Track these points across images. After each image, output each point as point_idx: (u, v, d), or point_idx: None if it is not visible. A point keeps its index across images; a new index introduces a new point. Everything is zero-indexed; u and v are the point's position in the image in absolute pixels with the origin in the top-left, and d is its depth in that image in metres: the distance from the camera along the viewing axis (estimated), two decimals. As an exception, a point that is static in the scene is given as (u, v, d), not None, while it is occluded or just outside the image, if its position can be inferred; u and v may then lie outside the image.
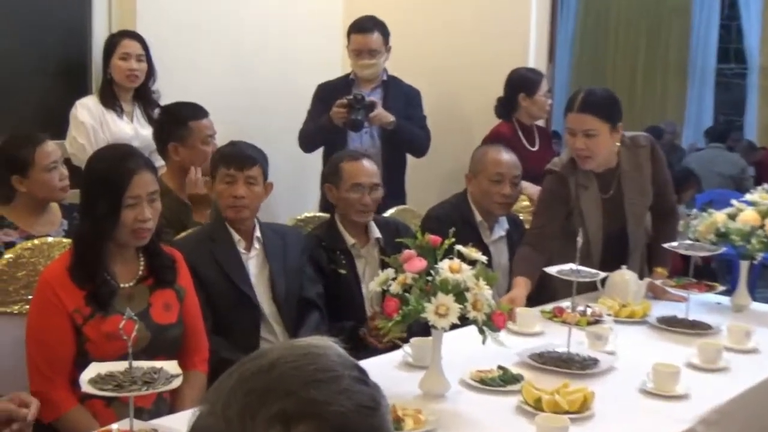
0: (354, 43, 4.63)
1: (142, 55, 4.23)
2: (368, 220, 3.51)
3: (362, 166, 3.54)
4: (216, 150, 3.41)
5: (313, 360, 1.01)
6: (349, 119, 4.38)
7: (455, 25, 5.29)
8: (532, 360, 2.81)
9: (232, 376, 1.01)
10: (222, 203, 3.23)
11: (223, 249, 3.19)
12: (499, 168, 3.77)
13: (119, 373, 2.01)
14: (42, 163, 3.34)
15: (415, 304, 2.49)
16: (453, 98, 5.35)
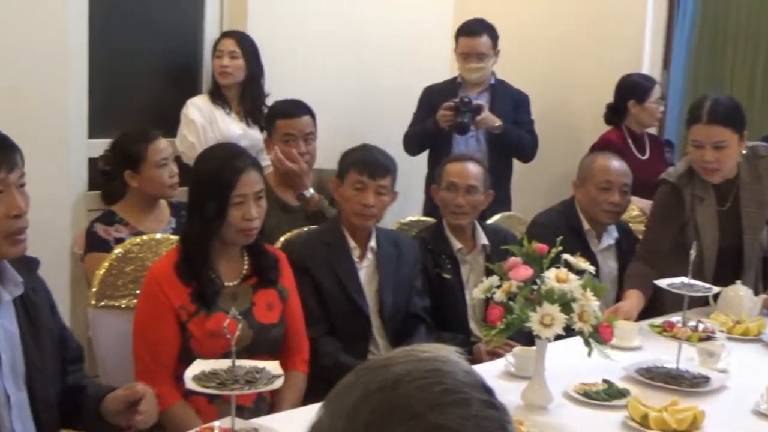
0: (462, 46, 4.61)
1: (235, 52, 4.28)
2: (462, 223, 3.46)
3: (462, 167, 3.51)
4: (347, 151, 3.30)
5: (439, 378, 0.97)
6: (455, 122, 4.36)
7: (567, 29, 5.21)
8: (640, 375, 2.74)
9: (355, 389, 0.97)
10: (348, 208, 3.17)
11: (338, 255, 3.14)
12: (607, 175, 3.68)
13: (222, 371, 2.03)
14: (153, 159, 3.43)
15: (519, 312, 2.46)
16: (562, 104, 5.27)
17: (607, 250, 3.76)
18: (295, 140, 3.63)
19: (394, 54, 5.17)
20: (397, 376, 0.97)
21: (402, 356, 1.00)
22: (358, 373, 1.00)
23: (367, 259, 3.20)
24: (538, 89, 4.92)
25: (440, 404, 0.94)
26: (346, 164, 3.22)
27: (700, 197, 3.51)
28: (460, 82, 4.67)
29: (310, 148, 3.67)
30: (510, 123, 4.53)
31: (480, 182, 3.50)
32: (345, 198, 3.18)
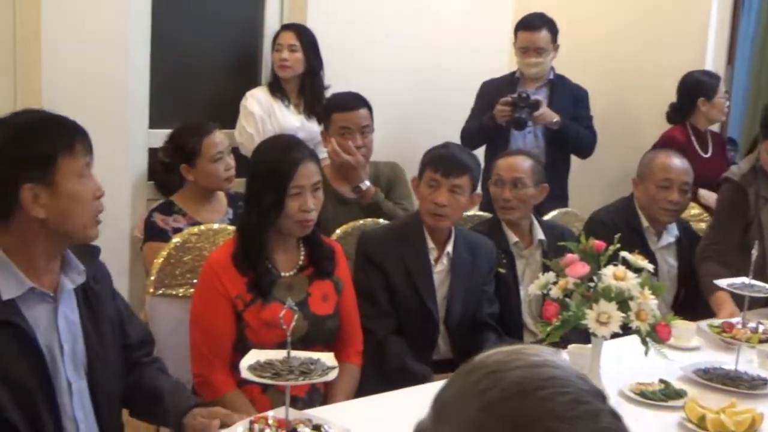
0: (521, 40, 4.57)
1: (295, 46, 4.30)
2: (511, 218, 3.41)
3: (510, 161, 3.47)
4: (428, 150, 3.21)
5: (561, 387, 0.95)
6: (512, 117, 4.33)
7: (630, 25, 5.14)
8: (697, 376, 2.70)
9: (472, 396, 0.95)
10: (423, 207, 3.11)
11: (414, 254, 3.08)
12: (667, 173, 3.61)
13: (278, 361, 2.04)
14: (208, 154, 3.46)
15: (575, 310, 2.44)
16: (622, 101, 5.21)
17: (666, 248, 3.71)
18: (351, 133, 3.64)
19: (452, 48, 5.14)
20: (518, 385, 0.94)
21: (510, 359, 0.98)
22: (465, 377, 0.97)
23: (441, 264, 3.13)
24: (599, 85, 4.86)
25: (570, 417, 0.93)
26: (424, 162, 3.15)
27: (765, 197, 3.47)
28: (518, 77, 4.64)
29: (367, 140, 3.67)
30: (568, 118, 4.49)
31: (528, 176, 3.43)
32: (421, 196, 3.12)
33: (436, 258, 3.11)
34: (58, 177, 1.98)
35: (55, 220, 1.99)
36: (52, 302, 2.06)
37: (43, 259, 2.04)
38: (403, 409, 2.38)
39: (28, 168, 1.96)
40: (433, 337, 3.09)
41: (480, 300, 3.19)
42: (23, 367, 1.96)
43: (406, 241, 3.08)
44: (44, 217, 1.97)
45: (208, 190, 3.54)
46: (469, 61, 5.17)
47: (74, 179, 2.01)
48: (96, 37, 3.83)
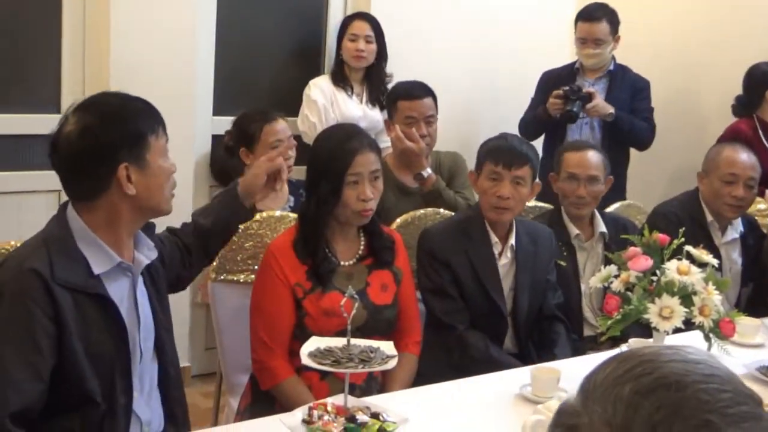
0: (580, 30, 4.52)
1: (370, 36, 4.31)
2: (584, 213, 3.39)
3: (582, 157, 3.40)
4: (484, 142, 3.16)
5: (720, 384, 0.92)
6: (564, 111, 4.30)
7: (695, 15, 5.05)
8: (761, 373, 2.64)
9: (625, 380, 0.93)
10: (484, 201, 3.03)
11: (479, 249, 3.02)
12: (733, 168, 3.53)
13: (338, 349, 2.05)
14: (267, 140, 3.50)
15: (637, 303, 2.42)
16: (687, 93, 5.13)
17: (731, 244, 3.64)
18: (416, 122, 3.64)
19: (514, 37, 5.10)
20: (677, 376, 0.92)
21: (667, 352, 0.96)
22: (621, 364, 0.96)
23: (505, 257, 3.07)
24: (661, 77, 4.79)
25: (731, 414, 0.90)
26: (482, 154, 3.09)
27: None
28: (578, 68, 4.59)
29: (431, 129, 3.68)
30: (626, 110, 4.44)
31: (600, 171, 3.39)
32: (482, 190, 3.04)
33: (500, 251, 3.06)
34: (149, 155, 2.07)
35: (144, 196, 2.07)
36: (131, 276, 2.13)
37: (126, 235, 2.12)
38: (459, 397, 2.40)
39: (125, 147, 2.03)
40: (501, 332, 3.04)
41: (545, 290, 3.14)
42: (106, 338, 2.03)
43: (469, 236, 3.03)
44: (134, 194, 2.05)
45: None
46: (530, 50, 5.12)
47: (160, 157, 2.10)
48: (163, 26, 3.88)
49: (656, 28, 5.13)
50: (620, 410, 0.91)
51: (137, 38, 3.82)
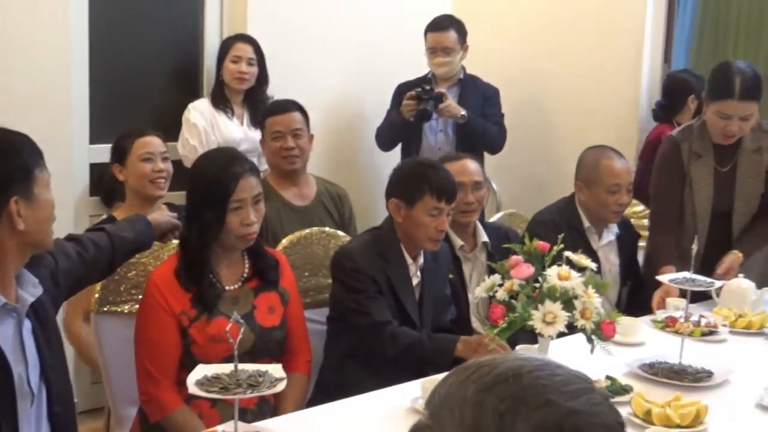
0: (430, 41, 4.66)
1: (252, 59, 4.30)
2: (472, 220, 3.44)
3: (463, 166, 3.45)
4: (414, 172, 3.03)
5: (552, 369, 0.98)
6: (417, 110, 4.41)
7: (568, 27, 5.19)
8: (642, 371, 2.73)
9: (467, 384, 0.97)
10: (421, 234, 2.95)
11: (396, 270, 2.99)
12: (616, 179, 3.58)
13: (225, 375, 2.03)
14: (137, 152, 3.45)
15: (521, 311, 2.46)
16: (533, 100, 5.29)
17: (608, 246, 3.73)
18: (283, 136, 3.65)
19: (392, 55, 5.16)
20: (512, 370, 0.97)
21: (501, 357, 1.01)
22: (461, 372, 0.99)
23: (417, 276, 3.07)
24: (511, 85, 4.98)
25: (568, 392, 0.95)
26: (418, 187, 2.95)
27: (697, 153, 3.61)
28: (430, 78, 4.70)
29: (300, 142, 3.68)
30: (479, 116, 4.58)
31: (482, 177, 3.49)
32: (417, 223, 2.94)
33: (414, 271, 3.06)
34: (36, 189, 2.06)
35: (32, 230, 2.05)
36: (16, 316, 2.07)
37: (12, 273, 2.07)
38: (352, 415, 2.40)
39: (14, 181, 2.02)
40: None
41: (444, 305, 3.18)
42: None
43: (385, 257, 3.00)
44: (23, 229, 2.03)
45: (144, 199, 3.49)
46: (411, 67, 5.20)
47: (45, 190, 2.10)
48: (34, 52, 3.79)
49: (503, 38, 5.28)
50: (467, 411, 0.95)
51: (7, 70, 3.71)
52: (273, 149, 3.67)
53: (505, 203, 4.99)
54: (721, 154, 3.62)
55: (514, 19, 5.31)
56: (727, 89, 3.43)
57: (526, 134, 5.17)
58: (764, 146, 3.64)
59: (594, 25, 5.06)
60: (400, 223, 3.00)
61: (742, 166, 3.62)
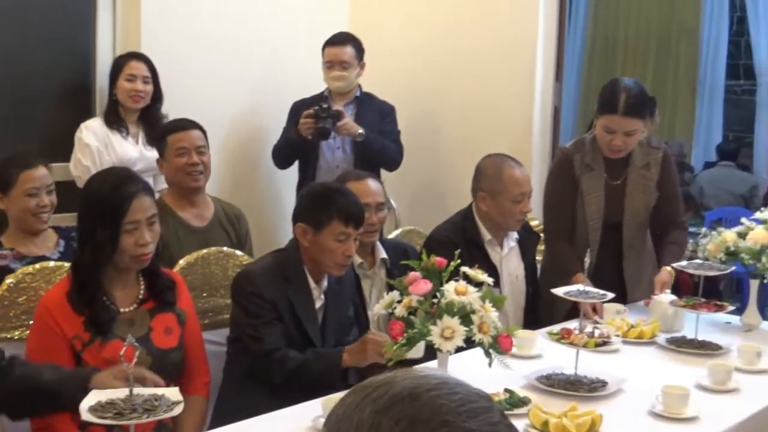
0: (327, 55, 4.69)
1: (148, 77, 4.23)
2: (373, 240, 3.46)
3: (366, 187, 3.45)
4: (320, 196, 3.03)
5: (450, 389, 0.97)
6: (315, 128, 4.43)
7: (462, 44, 5.28)
8: (540, 382, 2.78)
9: (365, 404, 0.96)
10: (328, 259, 2.95)
11: (299, 293, 2.97)
12: (521, 188, 3.63)
13: (120, 400, 1.98)
14: (23, 187, 3.35)
15: (420, 327, 2.47)
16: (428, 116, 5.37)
17: (511, 253, 3.76)
18: (188, 153, 3.60)
19: (290, 72, 5.16)
20: (409, 389, 0.96)
21: (399, 374, 1.00)
22: (358, 392, 0.99)
23: (320, 300, 3.05)
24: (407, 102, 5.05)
25: (465, 411, 0.95)
26: (326, 212, 2.93)
27: (589, 166, 3.71)
28: (326, 95, 4.72)
29: (204, 159, 3.65)
30: (375, 133, 4.63)
31: (384, 197, 3.51)
32: (324, 249, 2.94)
33: (318, 293, 3.04)
34: None
35: None
36: None
37: None
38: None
39: None
40: None
41: (347, 327, 3.18)
42: None
43: (288, 280, 2.98)
44: None
45: (23, 228, 3.40)
46: (309, 84, 5.20)
47: None
48: None
49: (400, 55, 5.35)
50: (363, 430, 0.94)
51: None
52: (177, 165, 3.60)
53: (404, 218, 5.03)
54: (612, 167, 3.72)
55: (411, 37, 5.36)
56: (611, 105, 3.54)
57: (424, 150, 5.24)
58: (652, 162, 3.75)
59: (488, 44, 5.14)
60: (306, 247, 2.98)
61: (631, 180, 3.73)
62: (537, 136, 5.09)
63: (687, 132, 10.24)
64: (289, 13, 5.19)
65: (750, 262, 3.45)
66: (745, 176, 8.52)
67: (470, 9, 5.24)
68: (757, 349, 3.08)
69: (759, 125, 9.75)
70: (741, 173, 8.51)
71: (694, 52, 10.30)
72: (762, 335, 3.47)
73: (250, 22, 5.01)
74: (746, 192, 8.20)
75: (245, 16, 4.96)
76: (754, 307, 3.58)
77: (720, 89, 10.17)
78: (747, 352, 3.07)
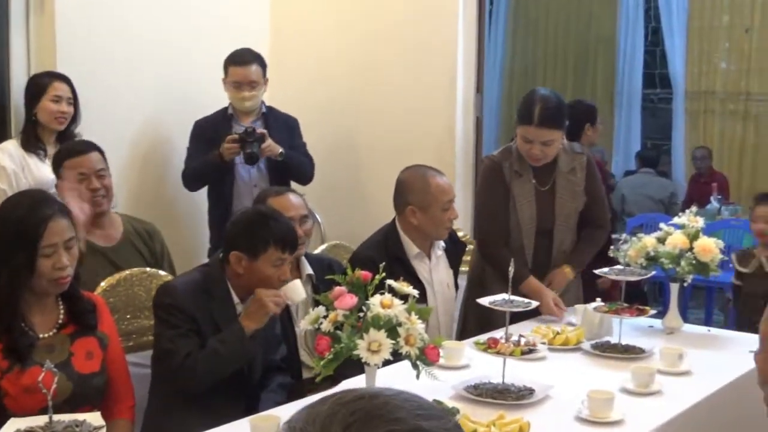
0: (234, 75, 4.65)
1: (71, 98, 4.16)
2: (301, 254, 3.45)
3: (287, 202, 3.46)
4: (252, 222, 3.00)
5: (408, 396, 1.04)
6: (244, 153, 4.42)
7: (384, 56, 5.30)
8: (468, 392, 2.79)
9: (327, 401, 1.02)
10: (264, 285, 2.93)
11: (222, 309, 2.95)
12: (447, 196, 3.65)
13: (39, 428, 1.94)
14: None
15: (347, 341, 2.46)
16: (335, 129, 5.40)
17: (439, 262, 3.77)
18: (87, 178, 3.53)
19: (204, 90, 5.13)
20: (371, 392, 1.03)
21: (369, 387, 1.07)
22: (325, 395, 1.05)
23: None
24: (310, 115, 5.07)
25: (421, 414, 1.01)
26: (262, 240, 2.93)
27: (518, 172, 3.78)
28: (231, 113, 4.70)
29: (105, 182, 3.57)
30: (287, 147, 4.63)
31: (306, 210, 3.51)
32: (261, 276, 2.93)
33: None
34: None
35: None
36: None
37: None
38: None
39: None
40: (242, 393, 2.99)
41: (273, 344, 3.15)
42: None
43: (212, 295, 2.96)
44: None
45: None
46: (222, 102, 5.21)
47: None
48: None
49: (324, 69, 5.36)
50: (319, 420, 1.00)
51: None
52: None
53: (332, 233, 5.02)
54: (540, 173, 3.80)
55: (333, 50, 5.38)
56: (527, 116, 3.63)
57: (349, 163, 5.27)
58: (577, 166, 3.84)
59: (411, 59, 5.18)
60: (241, 274, 2.96)
61: (559, 185, 3.82)
62: (460, 146, 5.13)
63: (607, 140, 10.45)
64: (207, 29, 5.16)
65: (669, 267, 3.53)
66: (665, 182, 8.72)
67: (391, 23, 5.27)
68: (679, 352, 3.14)
69: (676, 132, 10.00)
70: (660, 180, 8.71)
71: (612, 62, 10.53)
72: (683, 337, 3.55)
73: (162, 41, 4.96)
74: (666, 198, 8.40)
75: (160, 35, 4.93)
76: (675, 310, 3.66)
77: (637, 98, 10.41)
78: (669, 354, 3.13)
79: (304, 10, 5.55)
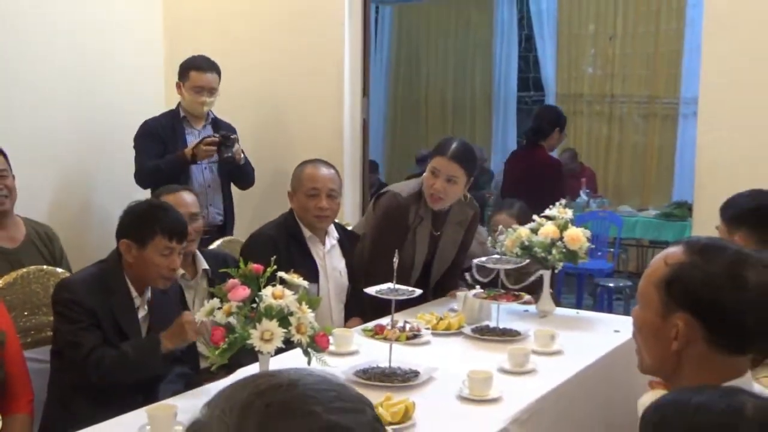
0: (197, 80, 4.61)
1: None
2: (192, 249, 3.41)
3: (180, 198, 3.45)
4: (143, 211, 2.99)
5: (327, 384, 0.99)
6: (223, 157, 4.43)
7: (277, 63, 5.29)
8: (357, 376, 2.81)
9: (246, 388, 0.97)
10: (153, 273, 2.91)
11: (120, 302, 2.90)
12: (314, 183, 3.68)
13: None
14: None
15: (240, 331, 2.46)
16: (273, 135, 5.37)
17: (332, 250, 3.79)
18: None
19: (111, 88, 5.04)
20: (289, 380, 0.97)
21: (290, 370, 1.01)
22: (248, 378, 1.00)
23: (143, 309, 2.98)
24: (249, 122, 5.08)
25: (336, 407, 0.95)
26: (150, 228, 2.90)
27: (421, 217, 3.85)
28: (184, 116, 4.64)
29: (6, 183, 3.50)
30: None
31: (197, 207, 3.52)
32: (149, 263, 2.90)
33: (141, 303, 2.97)
34: None
35: None
36: None
37: None
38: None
39: None
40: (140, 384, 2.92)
41: None
42: None
43: (110, 289, 2.90)
44: None
45: None
46: (129, 103, 5.10)
47: None
48: None
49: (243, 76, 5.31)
50: (236, 409, 0.95)
51: None
52: None
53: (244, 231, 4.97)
54: (435, 219, 3.89)
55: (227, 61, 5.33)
56: (443, 148, 3.75)
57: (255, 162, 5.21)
58: (464, 221, 3.96)
59: (304, 65, 5.20)
60: (131, 263, 2.92)
61: (446, 233, 3.94)
62: (348, 146, 5.16)
63: (485, 140, 10.65)
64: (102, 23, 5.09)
65: (542, 255, 3.62)
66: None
67: (278, 29, 5.28)
68: (551, 333, 3.23)
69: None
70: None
71: (489, 67, 10.73)
72: (556, 320, 3.65)
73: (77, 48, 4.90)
74: (539, 192, 8.60)
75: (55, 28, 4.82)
76: (547, 295, 3.75)
77: (513, 100, 10.65)
78: (542, 336, 3.21)
79: (194, 19, 5.49)
